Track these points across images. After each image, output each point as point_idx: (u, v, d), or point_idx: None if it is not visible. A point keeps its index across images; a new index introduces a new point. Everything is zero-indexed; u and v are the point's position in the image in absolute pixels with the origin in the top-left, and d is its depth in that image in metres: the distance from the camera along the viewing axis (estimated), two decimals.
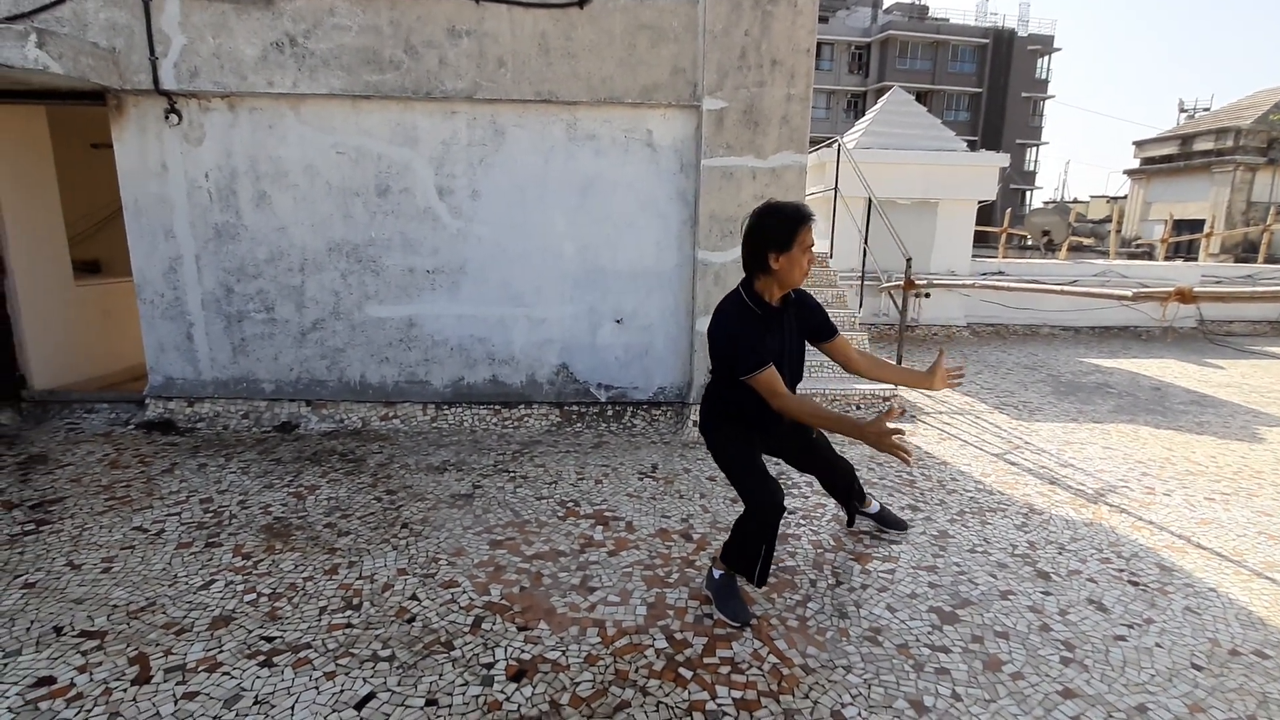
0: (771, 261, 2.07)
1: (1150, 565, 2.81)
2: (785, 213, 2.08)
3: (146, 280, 4.29)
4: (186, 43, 3.91)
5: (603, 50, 4.04)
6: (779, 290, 2.18)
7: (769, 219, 2.08)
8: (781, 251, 2.06)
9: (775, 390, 2.09)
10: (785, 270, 2.09)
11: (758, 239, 2.09)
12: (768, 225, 2.08)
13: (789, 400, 2.10)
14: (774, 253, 2.07)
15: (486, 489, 3.49)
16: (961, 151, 8.12)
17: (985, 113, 40.27)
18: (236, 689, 1.98)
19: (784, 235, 2.05)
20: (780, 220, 2.06)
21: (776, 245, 2.06)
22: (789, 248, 2.06)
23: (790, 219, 2.06)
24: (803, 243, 2.07)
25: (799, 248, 2.06)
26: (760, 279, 2.16)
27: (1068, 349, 7.78)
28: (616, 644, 2.22)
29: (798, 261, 2.08)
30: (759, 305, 2.17)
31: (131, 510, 3.17)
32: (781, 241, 2.05)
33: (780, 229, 2.06)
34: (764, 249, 2.08)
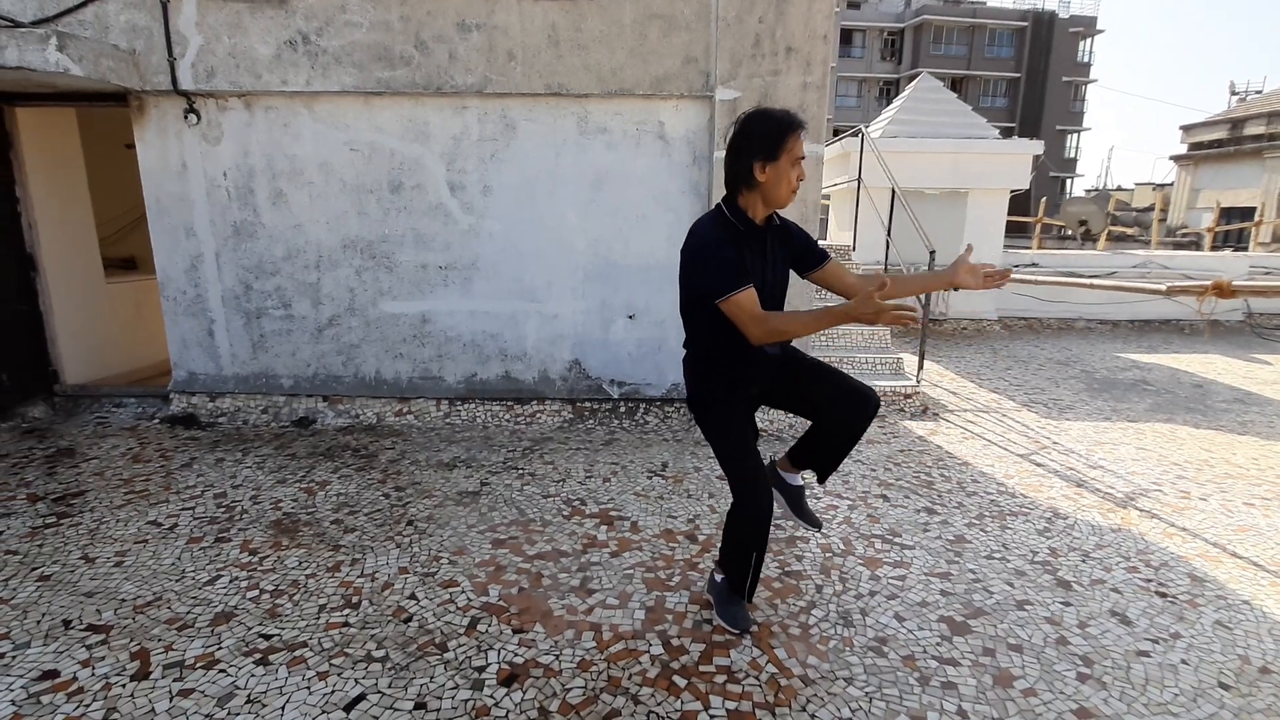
0: (757, 172, 1.85)
1: (1180, 575, 2.66)
2: (774, 117, 1.86)
3: (169, 278, 4.38)
4: (203, 43, 3.96)
5: (613, 41, 3.98)
6: (764, 209, 1.95)
7: (756, 123, 1.86)
8: (768, 161, 1.84)
9: (755, 315, 1.84)
10: (771, 183, 1.87)
11: (742, 146, 1.87)
12: (754, 130, 1.86)
13: (771, 322, 1.85)
14: (759, 162, 1.84)
15: (494, 486, 3.48)
16: (993, 139, 7.84)
17: (1024, 98, 38.97)
18: (231, 687, 2.00)
19: (771, 142, 1.83)
20: (768, 125, 1.85)
21: (763, 153, 1.84)
22: (776, 157, 1.84)
23: (779, 123, 1.84)
24: (791, 152, 1.85)
25: (787, 158, 1.85)
26: (744, 194, 1.93)
27: (1104, 343, 7.47)
28: (611, 649, 2.18)
29: (785, 174, 1.86)
30: (742, 221, 1.93)
31: (149, 504, 3.24)
32: (768, 149, 1.83)
33: (767, 135, 1.84)
34: (749, 157, 1.85)
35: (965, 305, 8.02)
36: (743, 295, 1.84)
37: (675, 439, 4.24)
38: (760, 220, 1.98)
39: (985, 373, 6.11)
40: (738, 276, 1.84)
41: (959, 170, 7.72)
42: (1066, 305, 8.14)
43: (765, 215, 1.99)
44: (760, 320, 1.86)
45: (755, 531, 2.12)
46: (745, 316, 1.86)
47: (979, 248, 8.01)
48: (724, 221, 1.96)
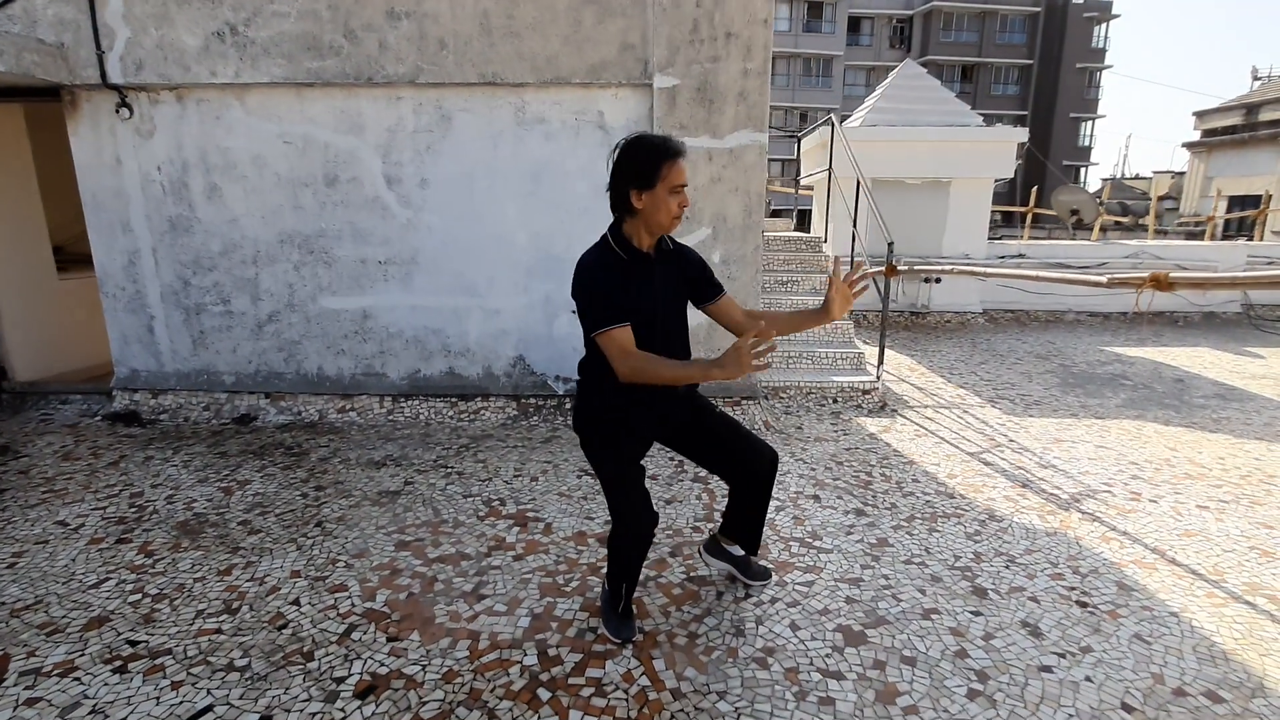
0: (634, 200, 1.83)
1: (1108, 584, 2.52)
2: (649, 144, 1.82)
3: (108, 274, 4.34)
4: (131, 35, 3.89)
5: (547, 27, 3.86)
6: (648, 236, 1.92)
7: (631, 148, 1.83)
8: (644, 189, 1.81)
9: (624, 351, 1.82)
10: (649, 211, 1.84)
11: (618, 172, 1.84)
12: (629, 159, 1.83)
13: (636, 360, 1.83)
14: (635, 189, 1.82)
15: (417, 486, 3.40)
16: (975, 126, 7.61)
17: (1036, 86, 38.24)
18: (79, 696, 1.93)
19: (646, 170, 1.80)
20: (642, 152, 1.81)
21: (638, 181, 1.81)
22: (652, 184, 1.80)
23: (654, 150, 1.81)
24: (668, 181, 1.81)
25: (664, 186, 1.81)
26: (627, 221, 1.90)
27: (1090, 336, 7.25)
28: (484, 659, 2.09)
29: (663, 201, 1.82)
30: (625, 250, 1.91)
31: (62, 503, 3.19)
32: (643, 177, 1.80)
33: (642, 163, 1.81)
34: (625, 185, 1.83)
35: (948, 298, 7.82)
36: (616, 331, 1.84)
37: None
38: (646, 247, 1.94)
39: (958, 367, 5.94)
40: (611, 311, 1.83)
41: (941, 159, 7.51)
42: (1055, 298, 7.92)
43: (652, 242, 1.95)
44: (626, 357, 1.84)
45: (627, 561, 2.11)
46: (614, 350, 1.85)
47: (962, 238, 7.85)
48: (608, 251, 1.92)
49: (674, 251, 2.03)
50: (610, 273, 1.87)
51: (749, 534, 2.35)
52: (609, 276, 1.86)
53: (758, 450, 2.17)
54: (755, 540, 2.37)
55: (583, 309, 1.89)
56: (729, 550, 2.45)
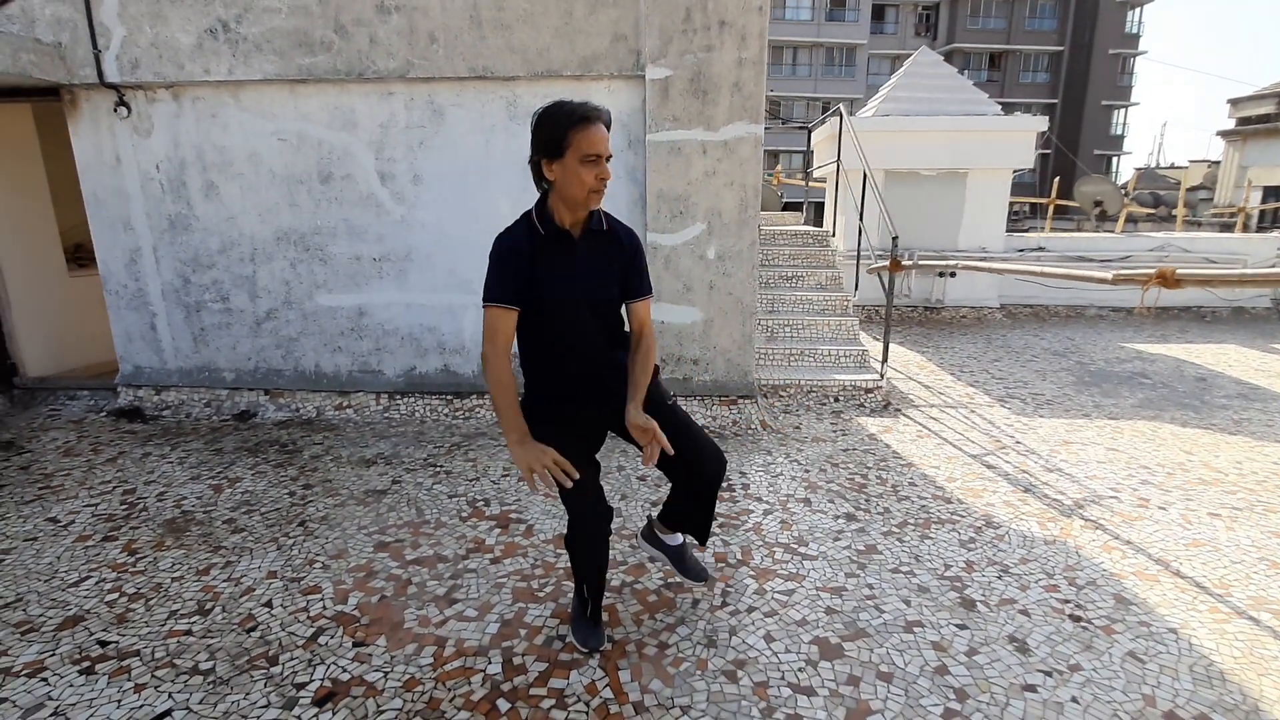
0: (545, 171, 1.74)
1: (1105, 596, 2.40)
2: (559, 111, 1.70)
3: (111, 272, 4.40)
4: (126, 34, 3.91)
5: (538, 19, 3.79)
6: (568, 211, 1.80)
7: (540, 117, 1.73)
8: (554, 159, 1.70)
9: (494, 333, 1.77)
10: (562, 182, 1.72)
11: (532, 144, 1.76)
12: (539, 127, 1.72)
13: (495, 355, 1.78)
14: (546, 160, 1.72)
15: (404, 484, 3.38)
16: (992, 115, 7.37)
17: (1066, 73, 37.13)
18: (43, 697, 1.94)
19: (554, 138, 1.69)
20: (550, 120, 1.70)
21: (547, 150, 1.71)
22: (560, 154, 1.69)
23: (562, 117, 1.68)
24: (579, 149, 1.67)
25: (574, 155, 1.68)
26: (549, 196, 1.80)
27: (1112, 332, 7.01)
28: (447, 666, 2.06)
29: (574, 172, 1.69)
30: (545, 226, 1.80)
31: (56, 500, 3.23)
32: (551, 145, 1.70)
33: (550, 131, 1.69)
34: (535, 153, 1.75)
35: (964, 293, 7.62)
36: (498, 310, 1.78)
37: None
38: (568, 224, 1.83)
39: (970, 364, 5.78)
40: (500, 290, 1.77)
41: (956, 149, 7.30)
42: (1075, 291, 7.67)
43: (574, 219, 1.83)
44: (492, 340, 1.80)
45: (578, 562, 2.05)
46: (486, 329, 1.81)
47: (979, 230, 7.63)
48: (526, 224, 1.83)
49: (606, 232, 1.89)
50: (518, 251, 1.78)
51: (697, 527, 2.19)
52: (515, 255, 1.78)
53: (706, 454, 2.01)
54: (705, 532, 2.20)
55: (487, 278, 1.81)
56: (666, 541, 2.29)
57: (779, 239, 6.21)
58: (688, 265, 4.02)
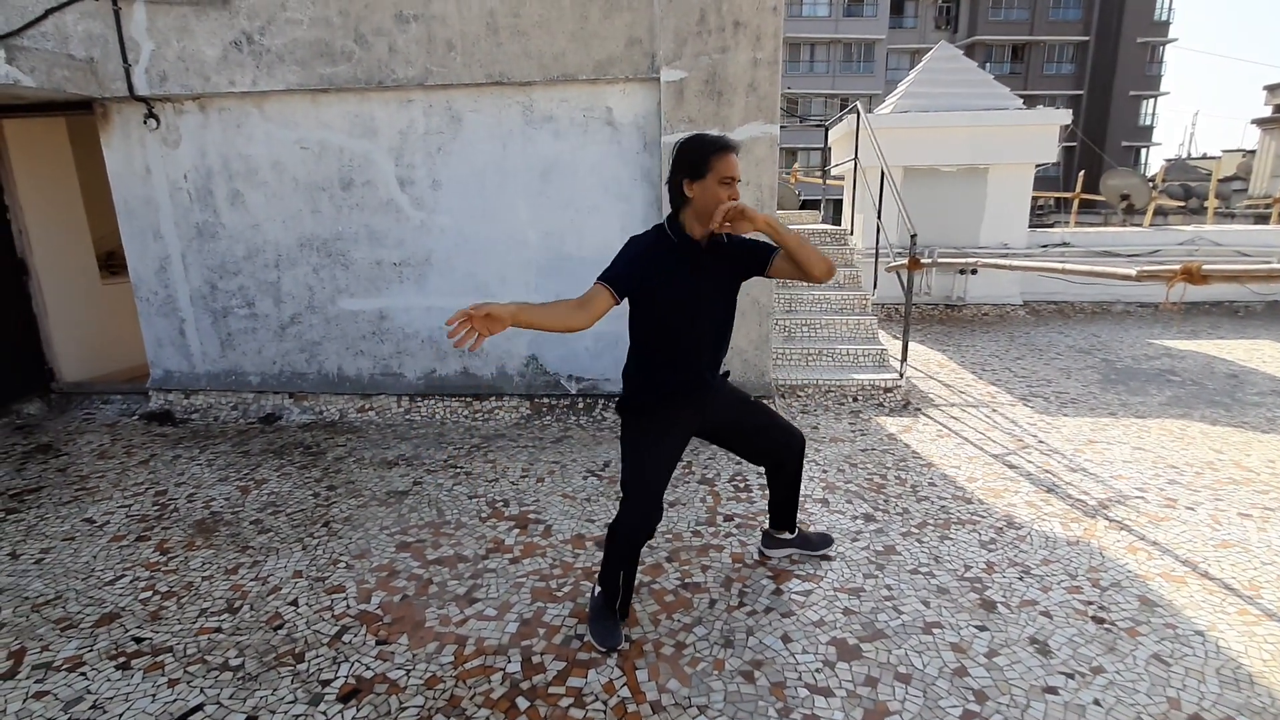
0: (686, 189, 1.98)
1: (1129, 598, 2.37)
2: (702, 139, 2.00)
3: (141, 279, 4.52)
4: (154, 48, 4.03)
5: (553, 25, 3.82)
6: (699, 225, 2.03)
7: (685, 144, 2.01)
8: (695, 179, 1.96)
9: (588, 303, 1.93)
10: (700, 200, 1.97)
11: (673, 165, 2.02)
12: (681, 150, 2.01)
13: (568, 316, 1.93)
14: (688, 179, 1.97)
15: (425, 486, 3.44)
16: (1013, 110, 7.26)
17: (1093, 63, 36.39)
18: (83, 691, 2.01)
19: (697, 161, 1.96)
20: (695, 146, 1.99)
21: (690, 172, 1.97)
22: (703, 175, 1.95)
23: (706, 145, 1.97)
24: (718, 172, 1.95)
25: (714, 176, 1.95)
26: (683, 211, 2.04)
27: (1139, 328, 6.86)
28: (468, 665, 2.09)
29: (712, 192, 1.96)
30: (678, 235, 2.05)
31: (92, 501, 3.34)
32: (695, 167, 1.96)
33: (694, 154, 1.97)
34: (677, 174, 2.00)
35: (986, 290, 7.51)
36: (601, 287, 1.95)
37: None
38: (698, 236, 2.05)
39: (991, 363, 5.70)
40: (615, 271, 1.97)
41: (977, 144, 7.20)
42: (1101, 287, 7.52)
43: (704, 233, 2.03)
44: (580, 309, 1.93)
45: (628, 549, 2.13)
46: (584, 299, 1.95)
47: (1001, 227, 7.53)
48: (658, 232, 2.07)
49: (727, 245, 2.12)
50: (645, 250, 2.02)
51: (785, 516, 2.57)
52: (643, 252, 2.02)
53: (787, 434, 2.40)
54: (791, 520, 2.58)
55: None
56: (782, 538, 2.64)
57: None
58: None
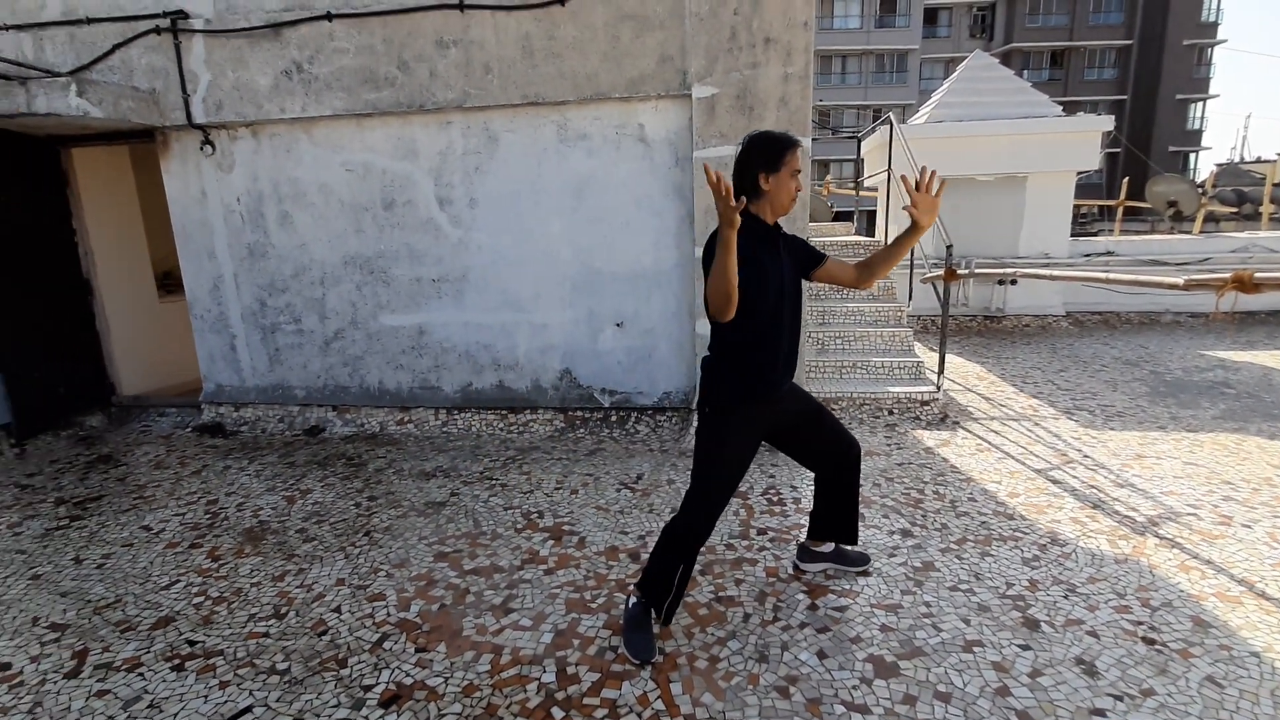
0: (761, 182, 2.10)
1: (1181, 618, 2.28)
2: (774, 135, 2.14)
3: (196, 297, 4.74)
4: (211, 78, 4.25)
5: (586, 46, 3.92)
6: (770, 215, 2.17)
7: (758, 140, 2.13)
8: (770, 172, 2.10)
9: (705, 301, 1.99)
10: (774, 192, 2.11)
11: (747, 158, 2.12)
12: (757, 146, 2.12)
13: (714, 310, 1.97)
14: (763, 173, 2.10)
15: (462, 497, 3.51)
16: (1052, 117, 7.12)
17: (1136, 68, 35.39)
18: (141, 691, 2.11)
19: (772, 155, 2.09)
20: (769, 141, 2.12)
21: (765, 165, 2.10)
22: (777, 168, 2.09)
23: (778, 140, 2.12)
24: (790, 165, 2.11)
25: (787, 169, 2.11)
26: (754, 203, 2.14)
27: (1190, 339, 6.61)
28: (504, 674, 2.13)
29: (785, 184, 2.12)
30: (757, 224, 2.14)
31: (149, 509, 3.50)
32: (770, 162, 2.09)
33: (769, 149, 2.10)
34: (754, 169, 2.11)
35: (1026, 300, 7.34)
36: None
37: (661, 449, 4.12)
38: (771, 224, 2.20)
39: (1033, 375, 5.56)
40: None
41: (1016, 153, 7.08)
42: (1149, 297, 7.28)
43: (773, 223, 2.19)
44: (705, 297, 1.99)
45: (688, 547, 2.16)
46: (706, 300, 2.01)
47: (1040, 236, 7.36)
48: (751, 220, 2.12)
49: (789, 238, 2.28)
50: (749, 230, 2.06)
51: (845, 527, 2.56)
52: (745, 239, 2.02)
53: (847, 440, 2.44)
54: (853, 531, 2.57)
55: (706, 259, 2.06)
56: (819, 551, 2.64)
57: (829, 250, 6.14)
58: None
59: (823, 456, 2.44)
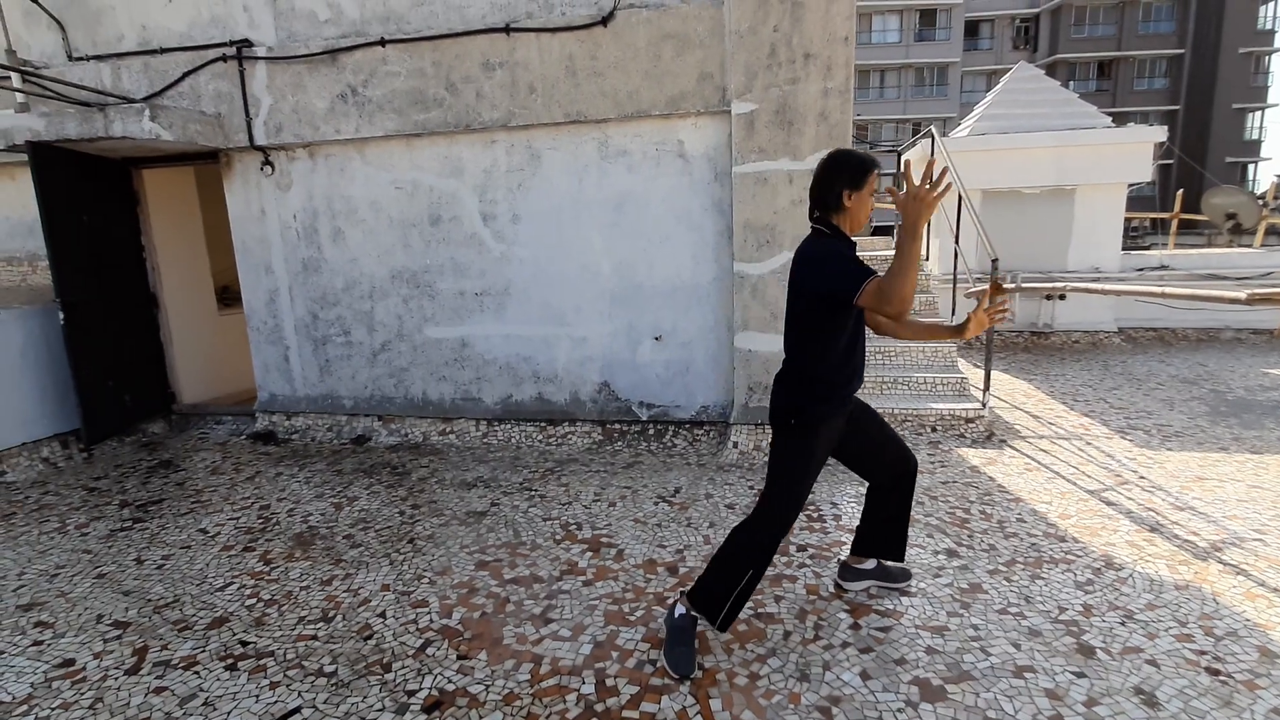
0: (845, 198, 2.12)
1: (1247, 648, 2.17)
2: (859, 155, 2.18)
3: (253, 310, 4.95)
4: (272, 102, 4.47)
5: (628, 65, 4.00)
6: (849, 231, 2.19)
7: (844, 156, 2.17)
8: (854, 190, 2.12)
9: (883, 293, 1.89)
10: (855, 209, 2.14)
11: (832, 175, 2.14)
12: (842, 163, 2.15)
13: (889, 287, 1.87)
14: (848, 190, 2.12)
15: (502, 507, 3.56)
16: (1102, 128, 6.94)
17: (1189, 77, 34.20)
18: (196, 688, 2.19)
19: (858, 174, 2.11)
20: (856, 160, 2.15)
21: (851, 183, 2.12)
22: (860, 187, 2.11)
23: (864, 161, 2.15)
24: (871, 185, 2.14)
25: (868, 189, 2.14)
26: (834, 216, 2.16)
27: (1253, 357, 6.31)
28: (543, 684, 2.15)
29: (865, 202, 2.15)
30: (843, 238, 2.17)
31: (206, 513, 3.65)
32: (855, 180, 2.11)
33: (856, 168, 2.13)
34: (838, 185, 2.13)
35: (1075, 315, 7.12)
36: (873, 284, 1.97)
37: (699, 463, 4.11)
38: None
39: (1084, 393, 5.38)
40: (863, 267, 2.02)
41: (1062, 165, 6.91)
42: (1207, 313, 6.98)
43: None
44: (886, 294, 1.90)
45: (766, 553, 2.18)
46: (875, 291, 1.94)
47: (1090, 250, 7.16)
48: (837, 234, 2.18)
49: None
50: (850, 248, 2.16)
51: (894, 541, 2.55)
52: (849, 248, 2.15)
53: (905, 451, 2.46)
54: (901, 547, 2.56)
55: (834, 274, 2.05)
56: (860, 569, 2.62)
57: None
58: (775, 294, 4.03)
59: (882, 466, 2.45)
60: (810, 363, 2.21)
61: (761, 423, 4.12)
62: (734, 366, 4.21)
